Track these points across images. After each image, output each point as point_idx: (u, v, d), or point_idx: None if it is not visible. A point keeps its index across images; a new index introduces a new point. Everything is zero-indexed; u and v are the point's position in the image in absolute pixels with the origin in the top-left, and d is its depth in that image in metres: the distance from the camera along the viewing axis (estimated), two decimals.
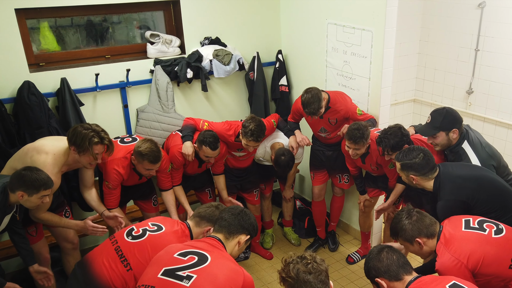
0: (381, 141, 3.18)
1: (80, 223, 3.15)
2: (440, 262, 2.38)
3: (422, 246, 2.47)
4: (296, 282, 1.86)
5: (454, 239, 2.41)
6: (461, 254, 2.34)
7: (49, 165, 2.91)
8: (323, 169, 4.11)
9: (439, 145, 3.10)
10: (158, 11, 4.10)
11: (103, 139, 2.97)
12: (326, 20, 4.03)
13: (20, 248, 2.95)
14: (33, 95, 3.35)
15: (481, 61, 4.57)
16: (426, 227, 2.47)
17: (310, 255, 1.93)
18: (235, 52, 4.24)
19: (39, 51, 3.67)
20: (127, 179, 3.40)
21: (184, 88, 4.17)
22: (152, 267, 2.16)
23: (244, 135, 3.53)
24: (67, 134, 2.98)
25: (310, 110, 3.50)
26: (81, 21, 3.84)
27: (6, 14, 3.28)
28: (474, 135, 3.12)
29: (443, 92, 5.04)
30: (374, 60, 3.68)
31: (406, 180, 2.91)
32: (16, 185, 2.66)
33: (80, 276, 2.45)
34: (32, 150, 2.97)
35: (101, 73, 3.69)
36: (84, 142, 2.90)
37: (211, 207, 2.65)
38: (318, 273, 1.86)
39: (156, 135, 3.99)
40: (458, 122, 3.06)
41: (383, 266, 2.24)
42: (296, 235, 4.48)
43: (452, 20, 4.73)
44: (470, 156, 3.00)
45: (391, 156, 3.17)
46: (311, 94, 3.48)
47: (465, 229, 2.45)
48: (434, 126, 3.07)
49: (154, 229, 2.52)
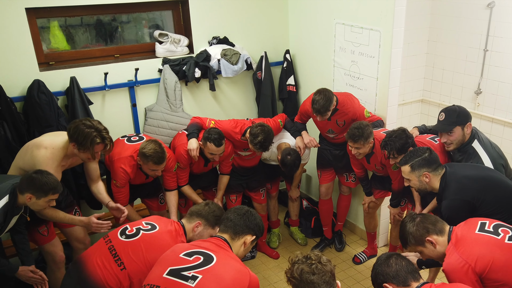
0: (386, 145, 3.17)
1: (85, 219, 3.14)
2: (447, 262, 2.35)
3: (435, 245, 2.42)
4: (300, 282, 1.85)
5: (464, 240, 2.37)
6: (469, 256, 2.30)
7: (49, 160, 2.91)
8: (330, 167, 4.12)
9: (454, 143, 3.08)
10: (167, 10, 4.12)
11: (105, 139, 2.97)
12: (334, 20, 4.02)
13: (19, 248, 2.96)
14: (42, 93, 3.38)
15: (490, 61, 4.55)
16: (433, 223, 2.44)
17: (315, 255, 1.92)
18: (243, 51, 4.25)
19: (49, 50, 3.71)
20: (134, 178, 3.42)
21: (192, 88, 4.18)
22: (158, 266, 2.16)
23: (254, 146, 3.53)
24: (68, 129, 2.97)
25: (317, 108, 3.49)
26: (91, 20, 3.87)
27: (16, 13, 3.32)
28: (483, 135, 3.12)
29: (451, 93, 5.01)
30: (382, 60, 3.67)
31: (417, 183, 2.87)
32: (26, 187, 2.68)
33: (74, 275, 2.45)
34: (32, 146, 2.98)
35: (110, 72, 3.72)
36: (86, 141, 2.89)
37: (201, 204, 2.71)
38: (322, 274, 1.85)
39: (164, 134, 4.01)
40: (470, 117, 3.09)
41: (391, 271, 2.22)
42: (303, 235, 4.49)
43: (461, 20, 4.71)
44: (481, 155, 2.99)
45: (396, 160, 3.16)
46: (323, 95, 3.48)
47: (478, 232, 2.41)
48: (451, 122, 3.06)
49: (148, 228, 2.52)
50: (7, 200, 2.67)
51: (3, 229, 2.75)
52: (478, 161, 2.99)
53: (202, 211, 2.62)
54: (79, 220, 3.17)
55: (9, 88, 3.33)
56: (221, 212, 2.61)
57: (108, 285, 2.34)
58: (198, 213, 2.62)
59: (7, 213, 2.69)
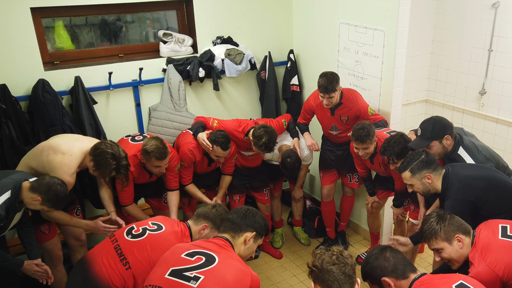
0: (385, 150, 3.17)
1: (91, 223, 3.16)
2: (476, 272, 2.28)
3: (462, 244, 2.38)
4: (320, 271, 1.86)
5: (490, 248, 2.32)
6: (496, 266, 2.26)
7: (66, 166, 2.93)
8: (333, 169, 4.11)
9: (437, 154, 3.04)
10: (171, 10, 4.13)
11: (120, 175, 3.03)
12: (338, 20, 4.02)
13: (25, 242, 2.97)
14: (47, 93, 3.40)
15: (495, 62, 4.53)
16: (461, 223, 2.41)
17: (338, 249, 1.94)
18: (247, 51, 4.25)
19: (53, 50, 3.72)
20: (137, 177, 3.43)
21: (196, 87, 4.19)
22: (160, 267, 2.16)
23: (258, 148, 3.53)
24: (93, 148, 2.98)
25: (324, 85, 3.48)
26: (95, 20, 3.88)
27: (21, 13, 3.33)
28: (468, 139, 3.09)
29: (455, 93, 5.00)
30: (386, 60, 3.66)
31: (420, 186, 2.86)
32: (42, 191, 2.69)
33: (80, 274, 2.45)
34: (48, 148, 2.98)
35: (114, 71, 3.73)
36: (104, 169, 2.95)
37: (208, 207, 2.70)
38: (342, 265, 1.86)
39: (168, 133, 4.02)
40: (448, 128, 3.03)
41: (390, 265, 2.21)
42: (306, 235, 4.49)
43: (466, 20, 4.69)
44: (467, 161, 2.97)
45: (396, 165, 3.15)
46: (329, 73, 3.51)
47: (502, 237, 2.36)
48: (426, 137, 3.05)
49: (154, 229, 2.52)
50: (9, 195, 2.67)
51: (7, 225, 2.76)
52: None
53: (210, 214, 2.62)
54: (85, 224, 3.19)
55: (14, 87, 3.35)
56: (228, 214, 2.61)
57: (113, 284, 2.35)
58: (205, 216, 2.62)
59: (9, 209, 2.69)
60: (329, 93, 3.52)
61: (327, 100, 3.57)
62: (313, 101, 3.84)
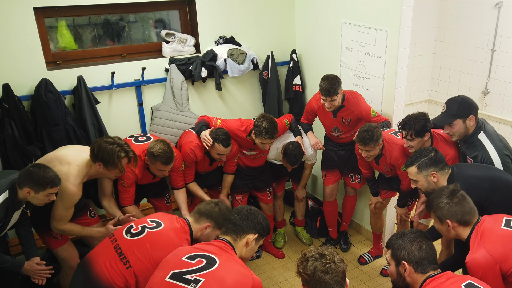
0: (405, 124, 3.13)
1: (102, 229, 3.16)
2: (473, 257, 2.29)
3: (450, 229, 2.41)
4: (312, 279, 1.85)
5: (491, 235, 2.32)
6: (495, 253, 2.26)
7: (72, 177, 2.92)
8: (335, 169, 4.11)
9: (456, 134, 3.04)
10: (174, 10, 4.14)
11: (128, 152, 3.00)
12: (341, 20, 4.02)
13: (23, 240, 2.97)
14: (50, 92, 3.40)
15: (498, 62, 4.53)
16: (462, 214, 2.40)
17: (330, 254, 1.91)
18: (249, 51, 4.25)
19: (56, 50, 3.73)
20: (141, 178, 3.43)
21: (199, 87, 4.19)
22: (161, 270, 2.16)
23: (259, 135, 3.53)
24: (91, 150, 2.98)
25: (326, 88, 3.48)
26: (98, 20, 3.89)
27: (24, 12, 3.34)
28: (490, 126, 3.07)
29: (458, 93, 4.95)
30: (388, 60, 3.66)
31: (425, 183, 2.85)
32: (24, 181, 2.67)
33: (82, 276, 2.46)
34: (55, 160, 2.98)
35: (117, 71, 3.73)
36: (112, 158, 2.92)
37: (210, 204, 2.63)
38: (335, 274, 1.85)
39: (171, 133, 4.02)
40: (474, 109, 3.01)
41: (418, 256, 2.21)
42: (308, 235, 4.48)
43: (468, 20, 4.69)
44: (487, 145, 2.94)
45: (411, 143, 3.13)
46: (331, 76, 3.52)
47: (505, 227, 2.37)
48: (451, 114, 3.02)
49: (153, 226, 2.52)
50: (7, 195, 2.67)
51: (6, 224, 2.76)
52: (484, 152, 2.94)
53: (212, 213, 2.57)
54: (97, 231, 3.18)
55: (17, 87, 3.35)
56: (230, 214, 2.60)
57: (115, 284, 2.35)
58: (208, 214, 2.58)
59: (7, 208, 2.69)
60: (331, 96, 3.52)
61: (329, 103, 3.57)
62: (315, 103, 3.84)
